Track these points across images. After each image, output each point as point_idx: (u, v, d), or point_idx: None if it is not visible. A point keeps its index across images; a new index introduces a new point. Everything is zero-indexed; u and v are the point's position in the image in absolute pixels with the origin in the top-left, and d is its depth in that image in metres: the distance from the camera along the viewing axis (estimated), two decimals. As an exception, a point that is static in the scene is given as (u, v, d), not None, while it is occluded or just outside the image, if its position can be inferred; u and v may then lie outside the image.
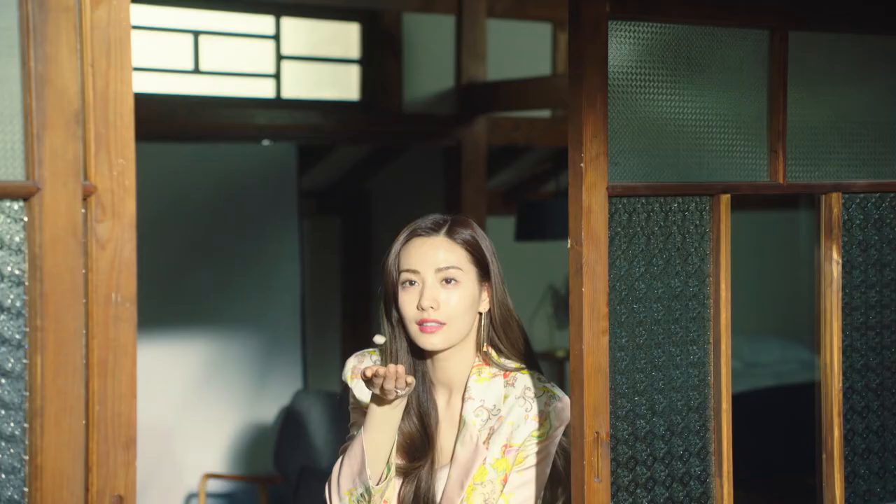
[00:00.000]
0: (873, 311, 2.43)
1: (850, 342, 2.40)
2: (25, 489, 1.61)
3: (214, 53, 5.84)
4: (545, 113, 6.70)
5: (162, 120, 5.37)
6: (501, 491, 1.96)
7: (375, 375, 1.96)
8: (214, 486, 5.67)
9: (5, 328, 1.60)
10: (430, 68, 6.35)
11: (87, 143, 1.66)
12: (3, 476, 1.60)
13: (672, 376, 2.21)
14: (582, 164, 2.08)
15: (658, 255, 2.19)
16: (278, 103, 6.00)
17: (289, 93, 6.04)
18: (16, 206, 1.60)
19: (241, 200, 6.01)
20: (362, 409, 2.11)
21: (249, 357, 6.06)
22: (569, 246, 2.10)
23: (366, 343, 2.31)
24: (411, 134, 6.34)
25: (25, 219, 1.60)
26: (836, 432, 2.38)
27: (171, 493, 5.66)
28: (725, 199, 2.24)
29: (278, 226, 6.23)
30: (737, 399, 7.66)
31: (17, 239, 1.60)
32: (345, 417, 2.34)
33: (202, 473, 5.50)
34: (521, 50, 6.61)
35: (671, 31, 2.18)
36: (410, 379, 1.96)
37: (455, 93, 6.33)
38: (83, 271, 1.65)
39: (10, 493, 1.61)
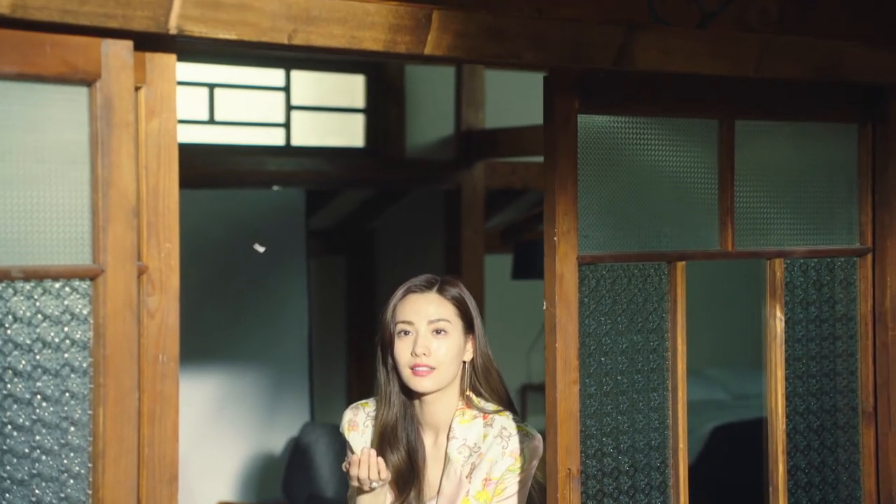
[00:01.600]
0: (813, 361, 2.77)
1: (793, 388, 2.74)
2: (89, 518, 1.96)
3: (228, 104, 6.20)
4: (540, 158, 7.03)
5: (180, 167, 5.72)
6: (483, 520, 2.29)
7: (350, 466, 2.30)
8: (226, 512, 6.00)
9: (75, 385, 1.95)
10: (431, 116, 6.70)
11: (140, 230, 2.02)
12: (72, 507, 1.94)
13: (635, 419, 2.55)
14: (555, 238, 2.43)
15: (622, 314, 2.53)
16: (288, 150, 6.35)
17: (298, 140, 6.40)
18: (84, 284, 1.94)
19: (252, 242, 6.36)
20: None
21: (259, 390, 6.39)
22: (544, 308, 2.45)
23: (369, 379, 2.61)
24: (413, 178, 6.69)
25: (91, 295, 1.95)
26: (781, 468, 2.71)
27: (186, 520, 5.98)
28: (681, 265, 2.59)
29: (287, 265, 6.57)
30: (725, 430, 7.93)
31: (84, 312, 1.95)
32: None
33: (215, 501, 5.82)
34: (518, 98, 6.96)
35: (633, 122, 2.54)
36: (385, 474, 2.28)
37: (455, 139, 6.68)
38: (137, 337, 2.00)
39: (77, 521, 1.95)
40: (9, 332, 1.88)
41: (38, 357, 1.91)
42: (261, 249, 2.46)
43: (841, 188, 2.80)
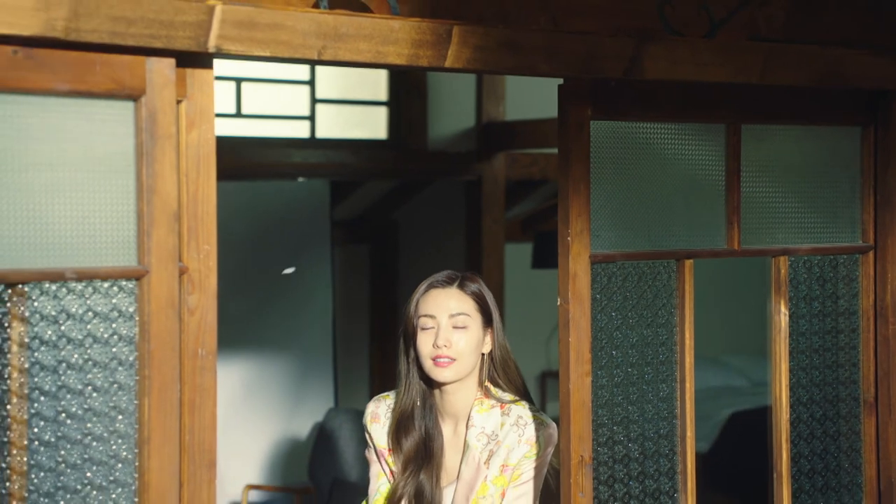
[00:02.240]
0: (817, 353, 2.90)
1: (796, 380, 2.87)
2: (136, 499, 2.12)
3: (255, 98, 6.36)
4: (560, 149, 7.16)
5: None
6: (500, 503, 2.43)
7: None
8: (254, 496, 6.17)
9: (122, 377, 2.11)
10: (453, 109, 6.83)
11: (181, 234, 2.17)
12: (121, 489, 2.10)
13: (645, 409, 2.69)
14: (569, 238, 2.57)
15: (633, 309, 2.67)
16: (313, 143, 6.51)
17: (322, 133, 6.55)
18: (130, 284, 2.10)
19: (278, 232, 6.52)
20: (377, 453, 2.55)
21: (285, 377, 6.57)
22: (558, 304, 2.59)
23: (391, 366, 2.73)
24: (435, 169, 6.83)
25: (137, 294, 2.11)
26: (785, 455, 2.85)
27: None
28: (689, 263, 2.72)
29: (312, 255, 6.74)
30: (743, 416, 8.05)
31: (130, 310, 2.11)
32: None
33: (244, 484, 6.00)
34: (538, 92, 7.08)
35: (643, 127, 2.67)
36: None
37: (476, 131, 6.82)
38: (178, 333, 2.16)
39: (125, 502, 2.11)
40: (63, 328, 2.04)
41: (89, 351, 2.07)
42: (290, 271, 2.63)
43: (844, 188, 2.92)
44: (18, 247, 1.99)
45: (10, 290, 1.99)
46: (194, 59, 2.13)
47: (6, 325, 1.99)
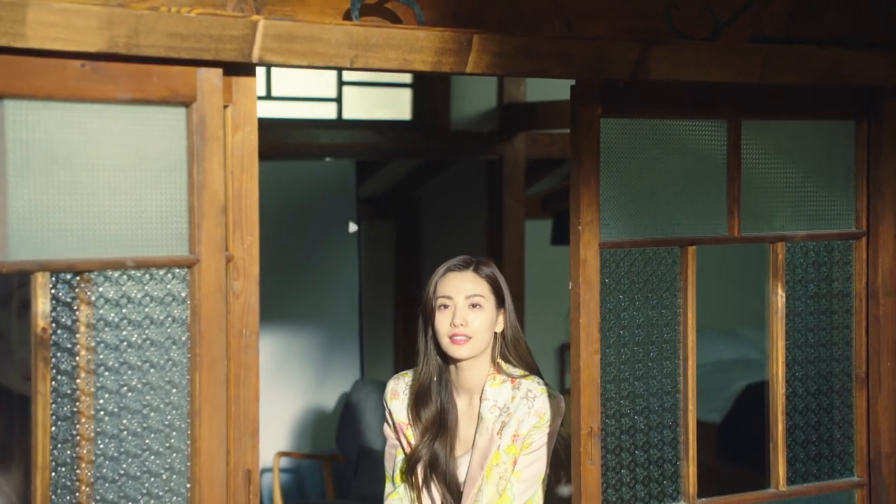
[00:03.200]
0: (811, 332, 3.11)
1: (792, 357, 3.09)
2: (188, 463, 2.36)
3: (284, 81, 6.58)
4: (579, 129, 7.35)
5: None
6: (512, 470, 2.66)
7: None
8: (285, 462, 6.45)
9: (175, 354, 2.35)
10: (475, 91, 7.03)
11: (227, 226, 2.40)
12: (175, 454, 2.35)
13: (650, 384, 2.91)
14: (580, 227, 2.79)
15: (639, 292, 2.89)
16: (340, 124, 6.73)
17: (349, 114, 6.77)
18: (183, 272, 2.34)
19: (305, 211, 6.76)
20: (395, 428, 2.78)
21: (313, 350, 6.83)
22: (570, 287, 2.81)
23: (414, 339, 2.89)
24: (457, 149, 7.04)
25: (189, 280, 2.34)
26: (781, 426, 3.07)
27: (246, 469, 6.42)
28: (692, 249, 2.93)
29: (338, 231, 6.98)
30: (757, 388, 8.19)
31: (183, 294, 2.35)
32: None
33: (275, 452, 6.27)
34: (557, 72, 7.27)
35: (649, 124, 2.88)
36: None
37: (497, 112, 7.02)
38: (225, 315, 2.40)
39: (178, 466, 2.36)
40: (124, 311, 2.29)
41: (146, 331, 2.31)
42: (353, 228, 2.84)
43: (838, 179, 3.12)
44: (85, 239, 2.23)
45: (78, 277, 2.23)
46: (239, 68, 2.35)
47: (75, 307, 2.24)
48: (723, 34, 2.94)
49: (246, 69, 2.37)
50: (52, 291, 2.21)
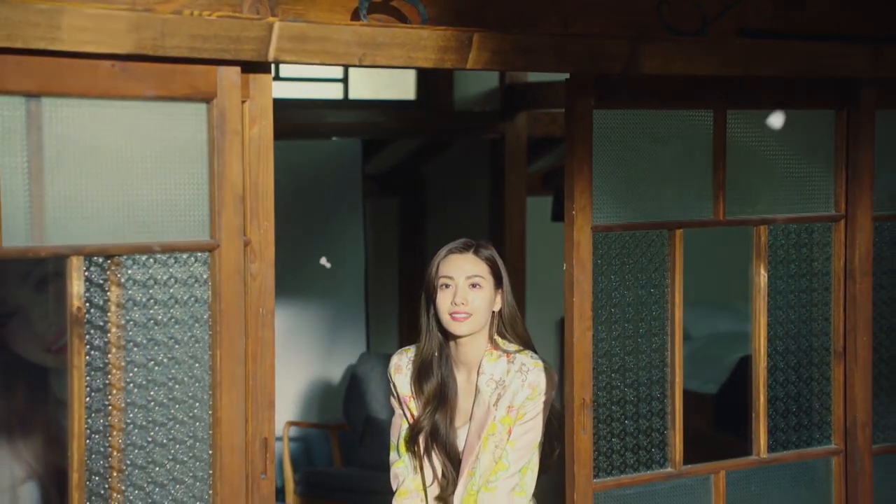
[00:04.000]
0: (792, 309, 3.31)
1: (774, 332, 3.28)
2: (210, 432, 2.56)
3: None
4: (580, 107, 7.52)
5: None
6: (507, 439, 2.84)
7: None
8: (294, 431, 6.67)
9: (198, 331, 2.55)
10: (477, 72, 7.19)
11: (245, 213, 2.59)
12: (198, 423, 2.55)
13: (639, 359, 3.11)
14: (573, 212, 2.97)
15: (629, 272, 3.08)
16: (346, 104, 6.90)
17: (355, 94, 6.94)
18: (204, 255, 2.53)
19: (313, 188, 6.95)
20: (399, 400, 2.96)
21: (321, 324, 7.04)
22: (564, 268, 3.00)
23: (418, 312, 3.05)
24: (461, 128, 7.22)
25: (210, 263, 2.54)
26: (762, 398, 3.27)
27: (256, 439, 6.65)
28: (679, 232, 3.12)
29: (345, 208, 7.17)
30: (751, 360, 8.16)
31: (205, 276, 2.54)
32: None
33: (285, 421, 6.49)
34: (558, 52, 7.42)
35: (640, 114, 3.06)
36: None
37: (499, 92, 7.18)
38: (243, 295, 2.59)
39: (201, 434, 2.56)
40: (151, 291, 2.48)
41: (171, 310, 2.51)
42: (327, 265, 3.03)
43: (819, 164, 3.31)
44: (115, 225, 2.42)
45: (109, 261, 2.43)
46: (256, 66, 2.54)
47: (107, 289, 2.43)
48: (710, 30, 3.12)
49: (262, 67, 2.55)
50: (86, 274, 2.40)
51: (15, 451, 4.02)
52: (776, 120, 3.24)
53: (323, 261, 4.03)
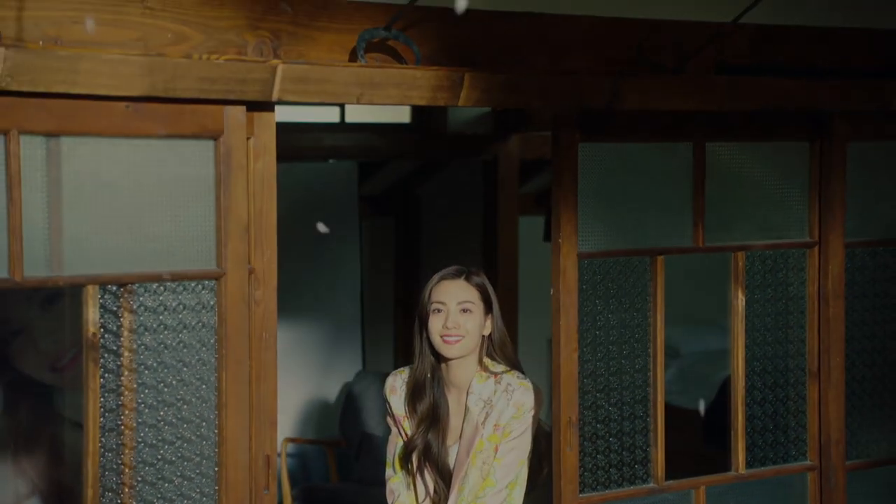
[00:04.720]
0: (769, 331, 3.47)
1: (752, 353, 3.44)
2: (216, 449, 2.72)
3: (289, 86, 6.91)
4: (571, 130, 7.68)
5: (247, 146, 6.45)
6: (494, 456, 2.99)
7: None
8: (291, 448, 6.81)
9: (205, 355, 2.70)
10: (470, 98, 7.34)
11: (249, 242, 2.75)
12: (205, 442, 2.70)
13: (623, 379, 3.26)
14: (560, 240, 3.14)
15: (613, 297, 3.24)
16: (343, 127, 7.06)
17: (351, 118, 7.11)
18: (211, 283, 2.69)
19: (310, 209, 7.12)
20: (395, 419, 3.10)
21: (317, 342, 7.18)
22: (551, 293, 3.16)
23: (411, 334, 3.20)
24: (454, 150, 7.39)
25: (216, 290, 2.69)
26: (741, 416, 3.43)
27: (254, 455, 6.78)
28: (661, 259, 3.28)
29: (341, 229, 7.33)
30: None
31: (212, 303, 2.70)
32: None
33: (282, 437, 6.63)
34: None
35: (622, 148, 3.23)
36: None
37: (492, 115, 7.35)
38: (247, 320, 2.75)
39: (208, 451, 2.71)
40: (161, 317, 2.64)
41: (180, 335, 2.66)
42: (324, 229, 3.18)
43: (793, 193, 3.47)
44: (128, 255, 2.58)
45: (122, 289, 2.59)
46: (260, 105, 2.70)
47: (119, 315, 2.59)
48: (689, 65, 3.29)
49: (266, 106, 2.71)
50: (101, 301, 2.56)
51: (19, 468, 4.15)
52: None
53: (320, 226, 4.17)
